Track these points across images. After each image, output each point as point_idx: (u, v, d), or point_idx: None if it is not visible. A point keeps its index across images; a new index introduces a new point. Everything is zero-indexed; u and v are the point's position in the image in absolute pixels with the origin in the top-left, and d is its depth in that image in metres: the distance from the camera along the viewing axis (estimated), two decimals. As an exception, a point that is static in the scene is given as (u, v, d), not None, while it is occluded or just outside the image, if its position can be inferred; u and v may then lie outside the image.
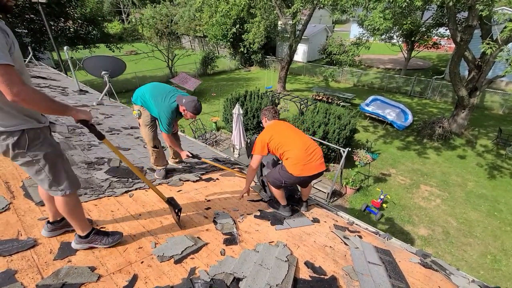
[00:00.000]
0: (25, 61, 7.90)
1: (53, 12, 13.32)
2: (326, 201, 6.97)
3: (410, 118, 11.33)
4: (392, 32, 15.08)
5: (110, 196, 2.33)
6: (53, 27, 13.50)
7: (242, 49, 15.56)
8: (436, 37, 15.68)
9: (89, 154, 3.06)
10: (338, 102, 13.31)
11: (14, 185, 2.19)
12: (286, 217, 2.53)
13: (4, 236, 1.64)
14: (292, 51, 14.75)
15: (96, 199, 2.24)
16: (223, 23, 17.50)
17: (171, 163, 3.26)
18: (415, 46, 16.74)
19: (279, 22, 17.47)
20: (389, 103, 12.15)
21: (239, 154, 8.40)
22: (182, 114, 2.66)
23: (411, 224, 6.59)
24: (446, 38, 15.15)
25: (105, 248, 1.70)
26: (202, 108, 2.66)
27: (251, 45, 14.33)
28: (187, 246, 1.84)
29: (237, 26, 16.66)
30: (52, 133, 1.59)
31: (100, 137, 1.57)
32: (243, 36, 14.93)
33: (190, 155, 2.97)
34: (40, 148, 1.39)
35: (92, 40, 15.56)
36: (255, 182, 3.14)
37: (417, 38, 15.72)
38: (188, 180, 2.97)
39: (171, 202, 2.05)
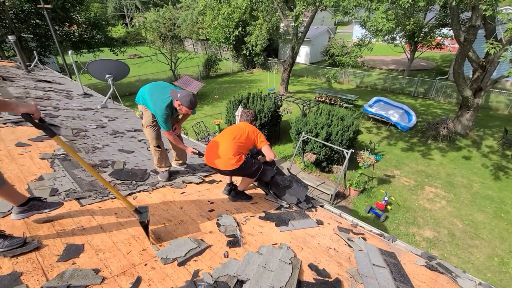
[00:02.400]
0: (30, 65, 8.03)
1: (58, 17, 13.53)
2: (330, 203, 6.93)
3: (414, 119, 11.26)
4: (395, 33, 15.02)
5: (114, 198, 2.35)
6: (58, 32, 13.70)
7: (245, 52, 15.61)
8: (439, 38, 15.60)
9: (93, 157, 3.08)
10: (341, 103, 13.27)
11: (19, 187, 2.21)
12: (290, 218, 2.52)
13: (9, 239, 1.65)
14: (295, 53, 14.77)
15: (100, 201, 2.25)
16: (226, 25, 17.61)
17: (174, 165, 3.27)
18: (418, 47, 16.67)
19: (281, 24, 17.53)
20: (392, 104, 12.09)
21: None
22: (177, 109, 2.64)
23: (416, 226, 6.53)
24: (449, 38, 15.06)
25: (108, 250, 1.70)
26: (197, 103, 2.67)
27: (254, 48, 14.37)
28: (191, 248, 1.84)
29: (240, 28, 16.75)
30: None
31: (51, 134, 1.50)
32: (245, 38, 15.00)
33: (196, 152, 2.97)
34: None
35: (96, 44, 15.76)
36: (266, 193, 3.14)
37: (420, 38, 15.65)
38: (191, 182, 2.98)
39: (139, 212, 1.87)
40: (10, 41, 7.01)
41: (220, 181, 3.18)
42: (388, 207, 6.95)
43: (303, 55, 22.96)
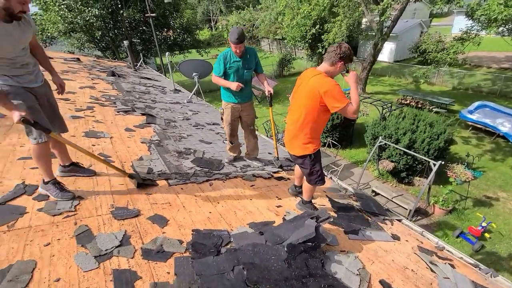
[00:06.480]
0: (136, 65, 9.65)
1: (159, 24, 15.85)
2: (408, 218, 6.13)
3: (535, 130, 8.90)
4: (515, 22, 12.09)
5: (194, 183, 2.63)
6: (158, 36, 16.07)
7: (320, 50, 15.11)
8: None
9: (179, 145, 3.52)
10: (431, 107, 11.53)
11: (126, 164, 2.72)
12: (361, 228, 2.34)
13: (118, 204, 2.05)
14: (377, 50, 13.53)
15: (183, 183, 2.56)
16: (303, 24, 17.42)
17: (245, 158, 3.48)
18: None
19: (364, 20, 16.28)
20: (502, 111, 9.83)
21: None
22: (232, 50, 2.76)
23: (527, 265, 5.19)
24: None
25: (188, 227, 1.93)
26: (242, 34, 2.59)
27: (331, 46, 13.78)
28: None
29: (317, 26, 16.29)
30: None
31: (47, 131, 1.82)
32: (322, 36, 14.52)
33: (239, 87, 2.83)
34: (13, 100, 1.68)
35: (186, 46, 17.82)
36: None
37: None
38: (260, 177, 3.09)
39: (132, 177, 2.33)
40: (124, 45, 8.61)
41: (288, 178, 3.20)
42: (486, 235, 5.73)
43: (387, 53, 20.79)
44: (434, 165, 5.73)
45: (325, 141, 9.26)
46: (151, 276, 1.46)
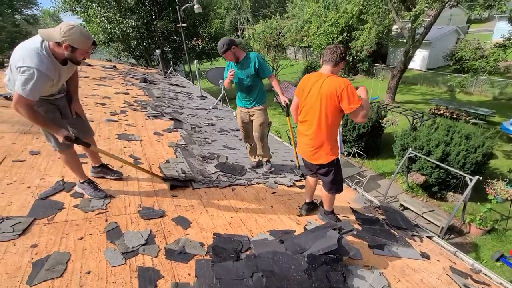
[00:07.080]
0: (166, 72, 10.12)
1: (189, 33, 16.56)
2: (439, 236, 5.72)
3: None
4: None
5: (217, 187, 2.68)
6: (187, 45, 16.78)
7: (347, 58, 14.85)
8: None
9: (204, 149, 3.62)
10: (468, 118, 10.78)
11: (154, 165, 2.84)
12: (387, 243, 2.23)
13: (145, 204, 2.15)
14: (408, 57, 13.00)
15: (206, 187, 2.62)
16: (330, 32, 17.28)
17: (263, 162, 3.46)
18: None
19: (394, 27, 15.78)
20: (553, 123, 8.94)
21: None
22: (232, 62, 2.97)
23: None
24: None
25: (209, 230, 1.96)
26: (223, 46, 2.73)
27: (359, 53, 13.49)
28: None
29: (344, 34, 16.07)
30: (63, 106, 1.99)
31: (87, 145, 2.03)
32: (350, 44, 14.28)
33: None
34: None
35: (214, 54, 18.40)
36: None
37: None
38: (282, 184, 3.07)
39: (166, 179, 2.48)
40: (156, 53, 9.09)
41: (311, 187, 3.14)
42: (532, 260, 5.16)
43: (419, 60, 19.87)
44: (471, 180, 5.32)
45: (350, 150, 8.99)
46: (172, 276, 1.50)
